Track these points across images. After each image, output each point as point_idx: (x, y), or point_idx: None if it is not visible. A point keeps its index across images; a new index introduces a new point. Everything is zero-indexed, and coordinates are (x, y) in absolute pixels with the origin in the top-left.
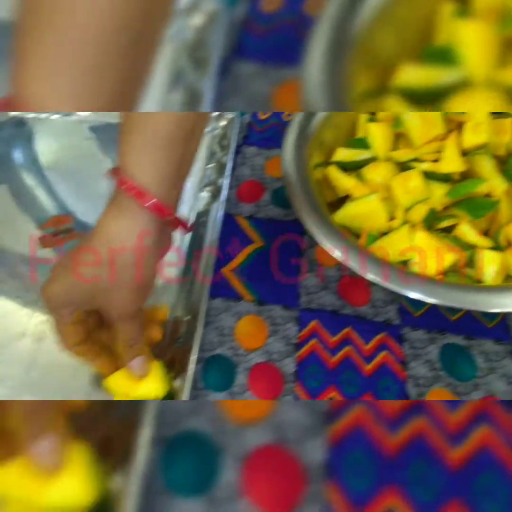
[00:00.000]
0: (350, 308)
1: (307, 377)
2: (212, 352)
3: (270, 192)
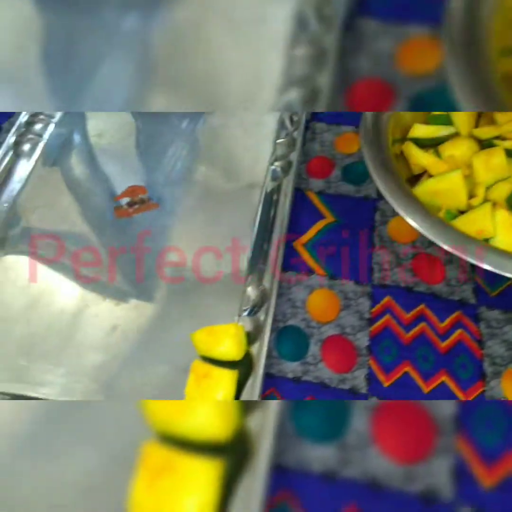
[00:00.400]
0: (424, 286)
1: (380, 352)
2: (285, 323)
3: (340, 168)
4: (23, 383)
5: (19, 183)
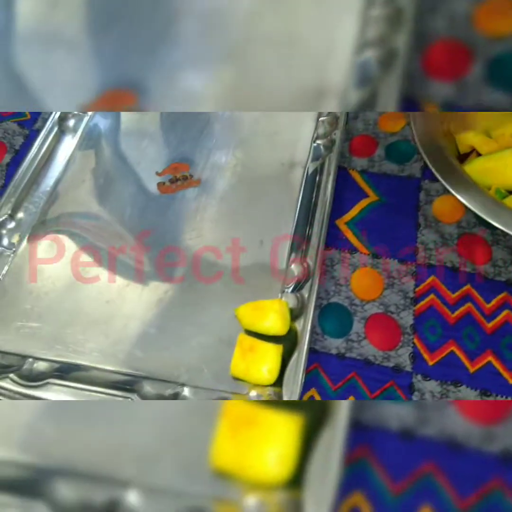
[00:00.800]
0: (470, 266)
1: (425, 331)
2: (328, 300)
3: (383, 147)
4: (71, 352)
5: (64, 159)
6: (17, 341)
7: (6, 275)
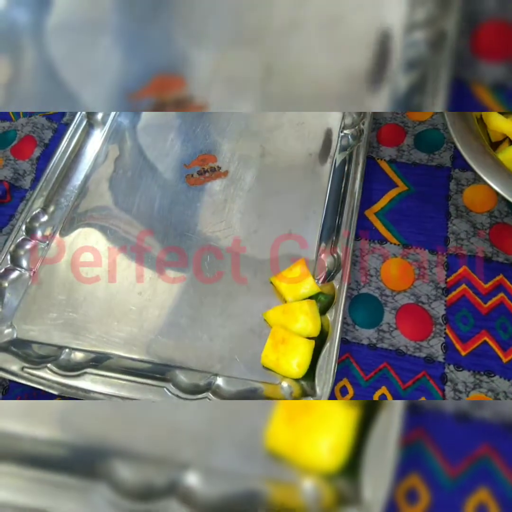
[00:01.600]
0: (503, 256)
1: (457, 321)
2: (358, 291)
3: (412, 136)
4: (105, 342)
5: (93, 153)
6: (53, 332)
7: (41, 268)
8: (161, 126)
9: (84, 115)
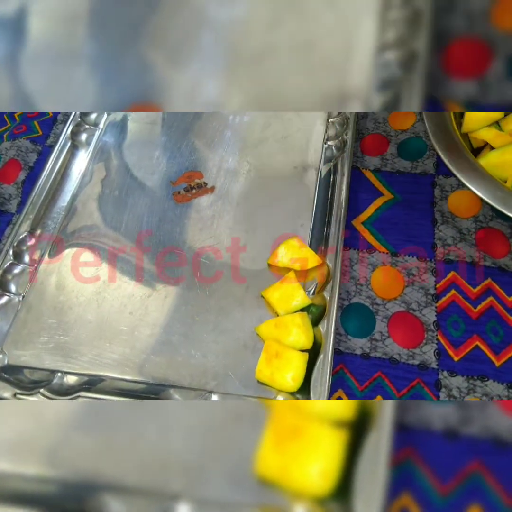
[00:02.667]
0: (490, 260)
1: (448, 327)
2: (349, 301)
3: (395, 145)
4: (98, 364)
5: (79, 173)
6: (44, 356)
7: (30, 292)
8: (146, 144)
9: (68, 136)
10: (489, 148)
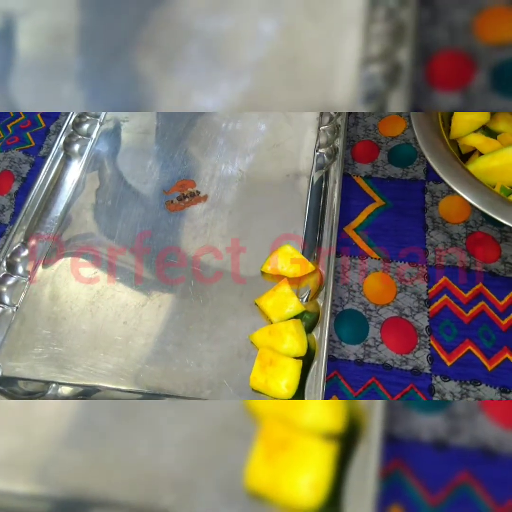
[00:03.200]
0: (481, 265)
1: (441, 332)
2: (343, 307)
3: (385, 152)
4: (93, 375)
5: (72, 184)
6: (39, 367)
7: (24, 303)
8: (138, 153)
9: (61, 147)
10: (478, 154)
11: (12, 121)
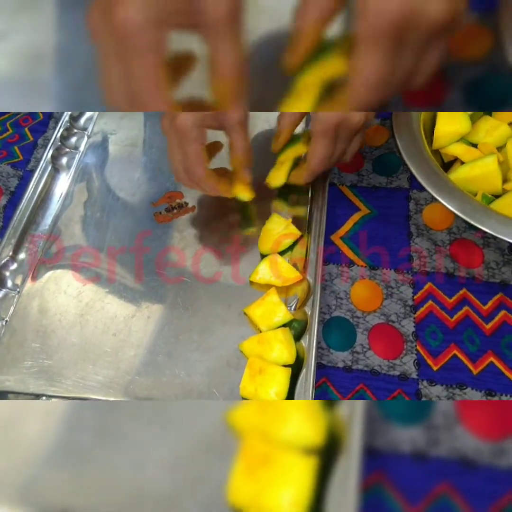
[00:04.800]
0: (464, 270)
1: (427, 337)
2: (330, 315)
3: (370, 161)
4: (82, 387)
5: (60, 196)
6: (28, 380)
7: (13, 316)
8: (126, 165)
9: (48, 160)
10: (460, 163)
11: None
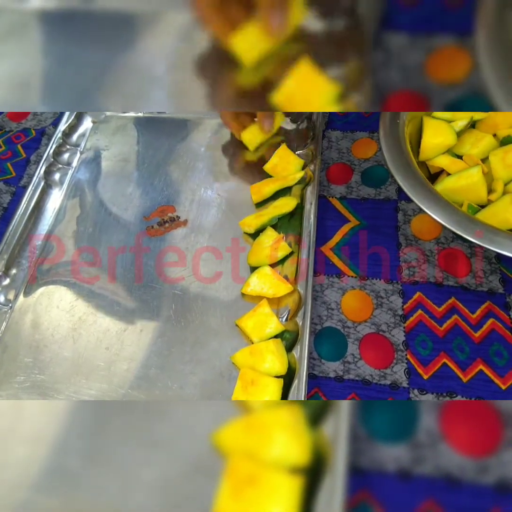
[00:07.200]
0: (453, 280)
1: (417, 346)
2: (322, 325)
3: (358, 173)
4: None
5: (53, 212)
6: (21, 395)
7: (6, 331)
8: (119, 180)
9: (41, 176)
10: (446, 174)
11: None
